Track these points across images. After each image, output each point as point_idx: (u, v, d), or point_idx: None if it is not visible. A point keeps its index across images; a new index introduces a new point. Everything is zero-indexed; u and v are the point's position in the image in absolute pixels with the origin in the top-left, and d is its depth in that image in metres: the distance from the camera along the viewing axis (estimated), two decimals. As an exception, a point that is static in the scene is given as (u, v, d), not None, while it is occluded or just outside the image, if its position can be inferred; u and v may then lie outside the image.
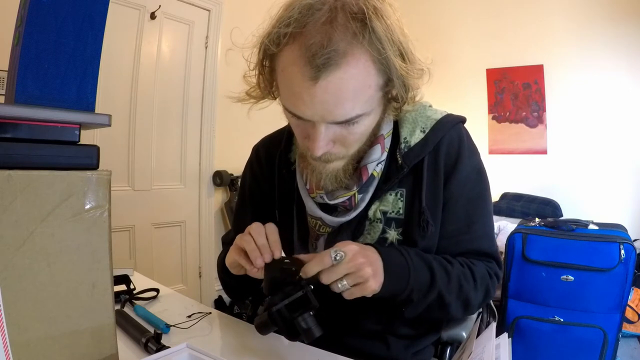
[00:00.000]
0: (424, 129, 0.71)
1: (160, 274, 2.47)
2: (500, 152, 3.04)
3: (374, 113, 0.62)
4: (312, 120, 0.58)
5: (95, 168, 0.51)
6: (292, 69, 0.55)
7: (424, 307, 0.66)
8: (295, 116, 0.60)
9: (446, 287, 0.66)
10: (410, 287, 0.63)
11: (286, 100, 0.60)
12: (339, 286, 0.58)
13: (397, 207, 0.71)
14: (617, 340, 1.75)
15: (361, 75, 0.55)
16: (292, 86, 0.57)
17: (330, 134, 0.60)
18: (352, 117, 0.58)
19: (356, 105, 0.57)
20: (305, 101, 0.56)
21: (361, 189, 0.70)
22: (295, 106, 0.58)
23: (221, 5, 2.73)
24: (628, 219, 2.45)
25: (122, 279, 0.96)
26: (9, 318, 0.44)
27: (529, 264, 1.86)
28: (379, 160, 0.70)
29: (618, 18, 2.63)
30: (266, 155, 0.85)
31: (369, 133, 0.66)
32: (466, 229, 0.72)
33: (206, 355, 0.56)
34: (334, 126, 0.59)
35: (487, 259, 0.74)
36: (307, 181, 0.74)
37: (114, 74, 2.27)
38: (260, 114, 0.72)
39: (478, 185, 0.73)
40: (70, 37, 0.50)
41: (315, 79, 0.53)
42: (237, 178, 2.84)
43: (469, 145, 0.73)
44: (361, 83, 0.56)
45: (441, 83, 3.20)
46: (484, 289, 0.71)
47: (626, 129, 2.63)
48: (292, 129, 0.67)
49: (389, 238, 0.71)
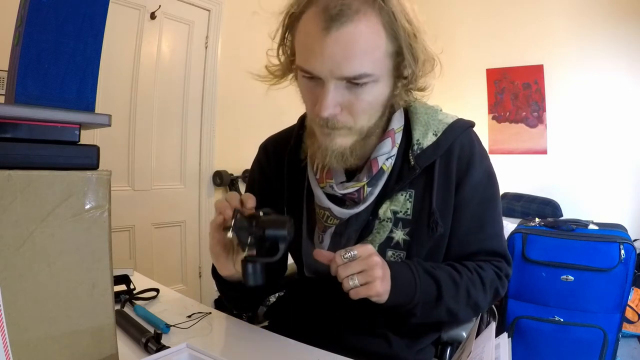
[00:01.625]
0: (436, 132, 0.73)
1: (160, 274, 2.47)
2: (500, 152, 3.04)
3: (382, 82, 0.63)
4: (322, 78, 0.61)
5: (95, 168, 0.51)
6: (308, 25, 0.61)
7: (430, 319, 0.69)
8: (307, 74, 0.62)
9: (454, 300, 0.68)
10: (415, 302, 0.65)
11: (300, 57, 0.63)
12: (351, 283, 0.59)
13: (405, 207, 0.72)
14: (617, 340, 1.75)
15: (371, 35, 0.59)
16: (306, 41, 0.61)
17: (338, 96, 0.62)
18: (360, 74, 0.59)
19: (364, 62, 0.59)
20: (316, 54, 0.59)
21: (370, 182, 0.71)
22: (307, 61, 0.61)
23: (221, 5, 2.73)
24: (628, 219, 2.45)
25: (122, 279, 0.96)
26: (9, 318, 0.44)
27: (529, 264, 1.86)
28: (389, 155, 0.71)
29: (618, 18, 2.63)
30: (275, 152, 0.85)
31: (376, 106, 0.66)
32: (478, 230, 0.74)
33: (206, 355, 0.56)
34: (342, 88, 0.61)
35: (497, 259, 0.75)
36: (317, 171, 0.75)
37: (114, 74, 2.26)
38: (260, 114, 0.73)
39: (489, 189, 0.75)
40: (70, 37, 0.50)
41: (327, 29, 0.57)
42: (237, 178, 2.84)
43: (480, 149, 0.76)
44: (370, 42, 0.59)
45: (441, 83, 3.19)
46: (493, 291, 0.73)
47: (626, 129, 2.63)
48: (304, 98, 0.69)
49: (395, 238, 0.72)
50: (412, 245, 0.71)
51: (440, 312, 0.68)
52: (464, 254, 0.74)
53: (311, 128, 0.72)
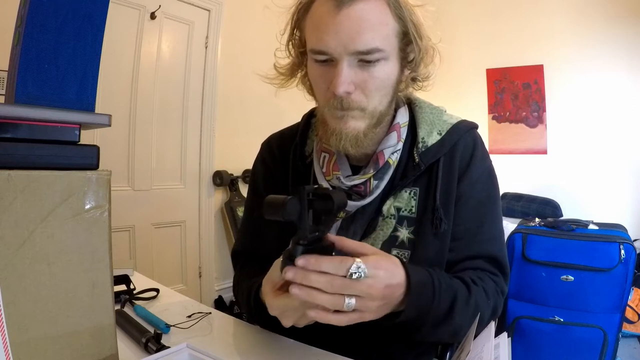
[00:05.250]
0: (440, 132, 0.75)
1: (160, 274, 2.47)
2: (500, 152, 3.04)
3: (391, 61, 0.66)
4: (335, 56, 0.63)
5: (95, 168, 0.51)
6: (319, 8, 0.64)
7: (433, 337, 0.65)
8: (320, 55, 0.64)
9: (462, 317, 0.63)
10: (424, 322, 0.61)
11: (313, 40, 0.65)
12: (345, 304, 0.51)
13: (410, 205, 0.73)
14: (617, 340, 1.75)
15: (379, 12, 0.62)
16: (319, 22, 0.64)
17: (352, 74, 0.63)
18: (372, 47, 0.62)
19: (375, 37, 0.62)
20: (329, 31, 0.62)
21: (376, 175, 0.72)
22: (321, 40, 0.63)
23: (221, 5, 2.73)
24: (628, 219, 2.45)
25: (122, 279, 0.96)
26: (9, 318, 0.44)
27: (529, 264, 1.86)
28: (394, 149, 0.73)
29: (618, 18, 2.63)
30: (279, 149, 0.85)
31: (387, 86, 0.68)
32: (476, 230, 0.73)
33: (206, 355, 0.56)
34: (355, 66, 0.63)
35: (495, 271, 0.73)
36: (324, 164, 0.75)
37: (114, 74, 2.27)
38: (260, 114, 0.73)
39: (488, 188, 0.75)
40: (70, 37, 0.50)
41: (339, 7, 0.61)
42: (237, 178, 2.84)
43: (482, 150, 0.77)
44: (379, 18, 0.62)
45: (441, 83, 3.20)
46: (493, 305, 0.71)
47: (626, 129, 2.63)
48: (316, 86, 0.70)
49: (400, 236, 0.72)
50: (417, 244, 0.71)
51: (446, 330, 0.63)
52: (463, 256, 0.72)
53: (322, 117, 0.73)
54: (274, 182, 0.84)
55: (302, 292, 0.51)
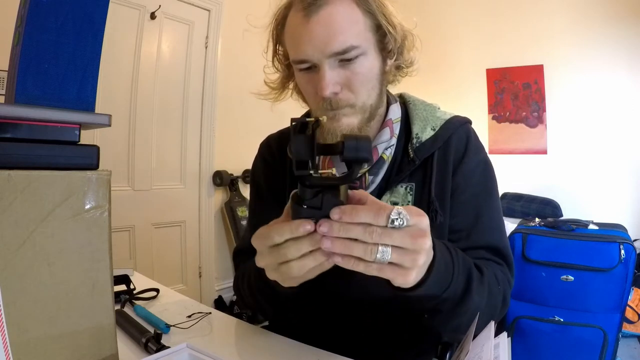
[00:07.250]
0: (434, 127, 0.76)
1: (160, 274, 2.47)
2: (500, 152, 3.04)
3: (370, 55, 0.67)
4: (315, 62, 0.65)
5: (95, 168, 0.51)
6: (291, 20, 0.67)
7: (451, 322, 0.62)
8: (302, 64, 0.67)
9: (480, 296, 0.61)
10: (445, 296, 0.57)
11: (292, 51, 0.69)
12: (379, 256, 0.43)
13: (406, 200, 0.73)
14: (617, 340, 1.75)
15: (347, 12, 0.65)
16: (294, 35, 0.67)
17: (335, 75, 0.66)
18: (347, 46, 0.64)
19: (348, 36, 0.64)
20: (304, 40, 0.65)
21: (371, 170, 0.73)
22: (299, 50, 0.66)
23: (221, 5, 2.73)
24: (628, 219, 2.45)
25: (122, 279, 0.96)
26: (9, 318, 0.44)
27: (529, 264, 1.86)
28: (388, 144, 0.74)
29: (618, 18, 2.63)
30: (278, 148, 0.86)
31: (372, 80, 0.69)
32: (474, 222, 0.73)
33: (206, 355, 0.56)
34: (336, 67, 0.65)
35: (498, 262, 0.72)
36: (320, 161, 0.75)
37: (114, 74, 2.27)
38: (259, 114, 0.74)
39: (484, 179, 0.76)
40: (70, 37, 0.50)
41: (307, 16, 0.64)
42: (237, 178, 2.84)
43: (477, 143, 0.78)
44: (348, 18, 0.65)
45: (441, 83, 3.21)
46: (503, 292, 0.69)
47: (626, 129, 2.63)
48: (305, 93, 0.73)
49: None
50: None
51: (466, 309, 0.60)
52: (463, 248, 0.69)
53: None
54: (275, 178, 0.84)
55: (339, 245, 0.43)
